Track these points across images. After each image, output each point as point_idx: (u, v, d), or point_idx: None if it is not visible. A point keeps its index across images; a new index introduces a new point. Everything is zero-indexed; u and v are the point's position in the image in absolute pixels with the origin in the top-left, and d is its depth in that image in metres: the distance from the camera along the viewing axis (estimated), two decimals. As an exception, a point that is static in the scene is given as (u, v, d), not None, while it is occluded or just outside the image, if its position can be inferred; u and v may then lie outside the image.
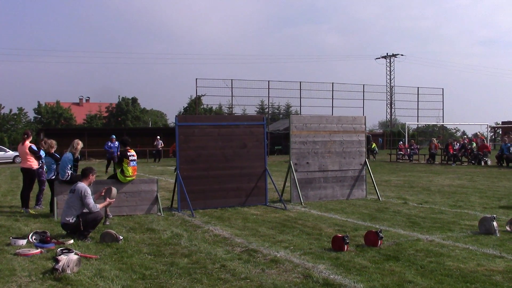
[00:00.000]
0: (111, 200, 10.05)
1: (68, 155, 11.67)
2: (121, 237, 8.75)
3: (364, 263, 7.13)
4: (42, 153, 12.99)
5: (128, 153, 11.84)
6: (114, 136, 26.50)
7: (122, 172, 11.79)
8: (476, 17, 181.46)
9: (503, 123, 65.35)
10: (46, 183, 13.04)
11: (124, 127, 62.35)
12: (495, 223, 9.05)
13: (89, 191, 9.18)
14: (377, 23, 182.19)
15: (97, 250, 8.10)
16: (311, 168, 14.05)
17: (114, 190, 10.23)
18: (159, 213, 11.92)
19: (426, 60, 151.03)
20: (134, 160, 11.95)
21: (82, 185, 9.21)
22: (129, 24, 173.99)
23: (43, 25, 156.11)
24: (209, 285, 6.22)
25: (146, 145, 43.62)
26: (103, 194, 10.17)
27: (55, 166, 12.26)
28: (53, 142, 12.67)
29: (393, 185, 18.16)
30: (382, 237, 8.16)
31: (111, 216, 10.72)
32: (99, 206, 9.37)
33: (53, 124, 67.70)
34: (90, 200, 9.13)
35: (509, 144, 28.69)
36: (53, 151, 12.46)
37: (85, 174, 9.51)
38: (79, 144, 11.94)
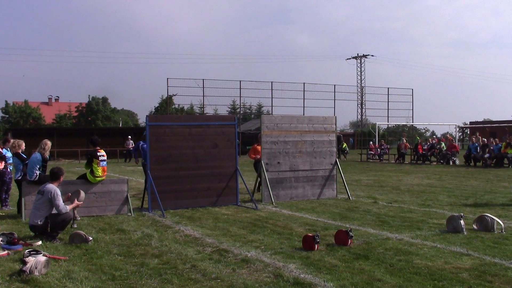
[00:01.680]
0: (79, 202, 9.92)
1: (36, 155, 11.49)
2: (90, 238, 8.66)
3: (334, 262, 7.18)
4: (6, 152, 12.77)
5: (98, 153, 11.73)
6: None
7: (92, 172, 11.67)
8: (444, 19, 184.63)
9: (471, 123, 66.61)
10: (14, 184, 12.82)
11: (94, 127, 61.66)
12: (462, 222, 9.22)
13: (58, 192, 9.06)
14: (347, 23, 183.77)
15: (66, 251, 8.00)
16: (282, 167, 14.09)
17: (82, 193, 10.10)
18: (129, 214, 11.83)
19: (396, 61, 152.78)
20: (104, 160, 11.84)
21: (52, 186, 9.08)
22: (99, 23, 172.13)
23: (9, 23, 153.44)
24: (179, 286, 6.20)
25: (116, 145, 43.18)
26: (70, 196, 10.02)
27: (21, 167, 12.06)
28: (20, 142, 12.46)
29: (363, 185, 18.33)
30: (352, 236, 8.23)
31: (78, 219, 10.56)
32: (69, 207, 9.26)
33: (21, 123, 66.50)
34: (60, 201, 9.01)
35: (476, 144, 29.22)
36: (20, 151, 12.26)
37: (55, 176, 9.37)
38: (48, 144, 11.76)
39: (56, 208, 8.98)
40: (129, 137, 38.89)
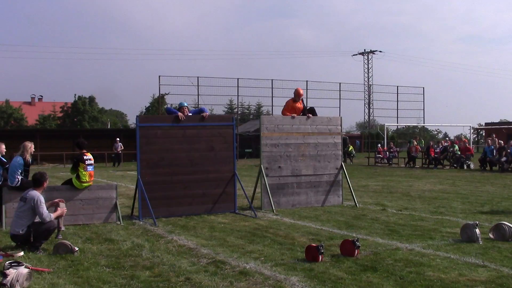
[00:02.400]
0: (64, 209, 9.88)
1: (18, 159, 11.47)
2: (76, 249, 8.64)
3: (340, 274, 7.17)
4: None
5: (84, 157, 11.71)
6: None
7: (78, 177, 11.65)
8: (456, 12, 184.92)
9: (486, 124, 66.65)
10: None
11: (81, 129, 61.68)
12: (477, 230, 9.21)
13: (42, 199, 9.04)
14: (353, 17, 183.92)
15: (50, 263, 7.99)
16: (283, 172, 14.08)
17: (61, 204, 10.01)
18: (118, 222, 11.82)
19: (406, 58, 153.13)
20: (91, 164, 11.83)
21: (35, 193, 9.06)
22: (85, 17, 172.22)
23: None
24: (172, 300, 6.18)
25: (104, 148, 43.19)
26: (54, 203, 9.99)
27: (2, 171, 12.03)
28: (0, 144, 12.44)
29: (371, 191, 18.34)
30: (359, 246, 8.22)
31: (63, 229, 10.41)
32: (53, 215, 9.24)
33: (1, 125, 66.50)
34: (44, 209, 8.99)
35: (492, 147, 29.23)
36: (0, 155, 12.23)
37: (38, 182, 9.33)
38: (30, 147, 11.74)
39: (39, 217, 8.96)
40: (118, 139, 38.92)
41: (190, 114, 13.32)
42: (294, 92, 14.88)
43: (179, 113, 12.90)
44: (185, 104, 13.47)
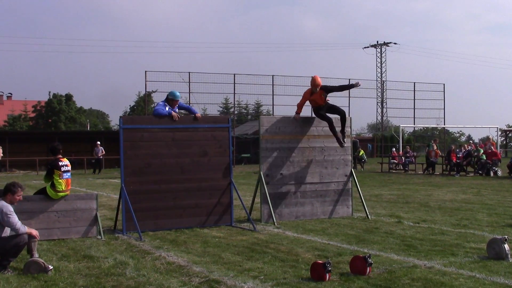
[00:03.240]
0: (37, 235, 9.54)
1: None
2: (50, 267, 8.62)
3: (350, 295, 7.16)
4: None
5: (60, 163, 11.69)
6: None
7: (53, 186, 11.63)
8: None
9: (515, 125, 66.72)
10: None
11: (56, 131, 61.59)
12: (506, 246, 9.20)
13: (10, 208, 8.95)
14: (365, 5, 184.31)
15: (19, 284, 7.97)
16: (286, 180, 14.09)
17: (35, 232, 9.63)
18: (99, 236, 11.80)
19: (424, 50, 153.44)
20: (67, 171, 11.80)
21: (1, 203, 8.99)
22: (60, 4, 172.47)
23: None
24: (160, 325, 6.18)
25: (83, 152, 43.19)
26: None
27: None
28: None
29: (385, 201, 18.34)
30: (371, 264, 8.21)
31: (36, 256, 9.32)
32: (27, 229, 9.14)
33: (-34, 127, 66.52)
34: (14, 218, 8.90)
35: (522, 151, 29.25)
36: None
37: (7, 191, 9.22)
38: (-2, 152, 11.73)
39: (11, 227, 8.89)
40: (98, 143, 38.91)
41: (176, 109, 13.25)
42: (310, 81, 14.70)
43: (173, 113, 12.91)
44: (178, 96, 13.41)
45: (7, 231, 8.98)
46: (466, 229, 12.30)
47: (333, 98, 14.73)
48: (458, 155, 32.82)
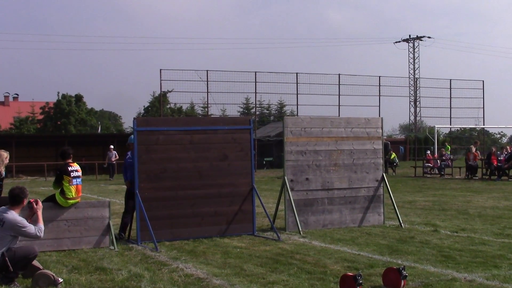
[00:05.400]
0: (39, 206, 9.58)
1: (-11, 171, 11.55)
2: (60, 280, 8.65)
3: (383, 310, 7.12)
4: None
5: (70, 168, 11.75)
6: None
7: (63, 193, 11.68)
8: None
9: (562, 125, 66.03)
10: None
11: (65, 134, 62.02)
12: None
13: (22, 220, 8.89)
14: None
15: (29, 297, 8.01)
16: (312, 185, 14.06)
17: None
18: (111, 247, 11.85)
19: (461, 45, 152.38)
20: (78, 177, 11.85)
21: (12, 216, 8.82)
22: (68, 0, 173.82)
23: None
24: None
25: (94, 157, 43.46)
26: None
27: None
28: None
29: (419, 208, 18.24)
30: (405, 276, 8.16)
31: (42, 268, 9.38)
32: (40, 224, 9.14)
33: (-30, 130, 67.24)
34: (30, 228, 8.90)
35: None
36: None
37: (16, 199, 9.08)
38: (4, 157, 11.78)
39: (30, 237, 8.98)
40: (111, 147, 39.10)
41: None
42: None
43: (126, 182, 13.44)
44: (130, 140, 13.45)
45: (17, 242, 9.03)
46: (509, 239, 12.19)
47: (362, 98, 14.67)
48: (499, 158, 32.51)
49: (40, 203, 9.72)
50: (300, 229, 13.41)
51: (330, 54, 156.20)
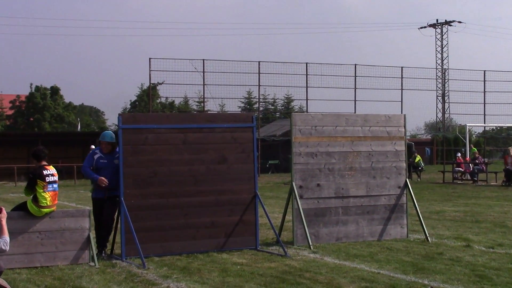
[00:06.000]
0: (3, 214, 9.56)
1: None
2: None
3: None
4: None
5: (45, 172, 11.70)
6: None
7: (36, 200, 11.63)
8: None
9: None
10: None
11: (39, 132, 62.08)
12: None
13: None
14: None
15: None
16: (324, 193, 14.05)
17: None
18: (92, 263, 11.83)
19: (496, 30, 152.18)
20: (54, 182, 11.81)
21: None
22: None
23: None
24: None
25: (72, 159, 43.45)
26: None
27: None
28: None
29: (449, 219, 18.22)
30: (433, 299, 8.14)
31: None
32: (5, 236, 9.10)
33: None
34: None
35: None
36: None
37: None
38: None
39: None
40: (93, 147, 39.08)
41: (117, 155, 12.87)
42: None
43: (100, 179, 12.57)
44: (109, 137, 12.94)
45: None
46: (553, 255, 12.16)
47: (382, 92, 14.67)
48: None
49: (4, 211, 9.59)
50: (310, 243, 13.40)
51: (345, 41, 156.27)
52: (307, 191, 13.92)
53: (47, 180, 11.66)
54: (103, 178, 12.52)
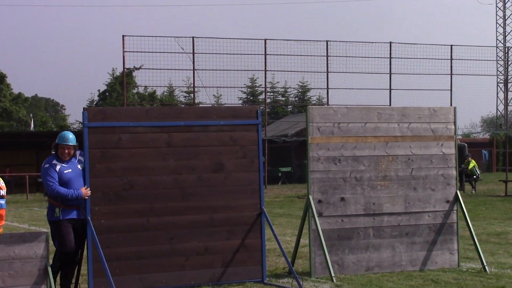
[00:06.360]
0: None
1: None
2: None
3: None
4: None
5: (-9, 183, 11.71)
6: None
7: (-23, 220, 11.67)
8: None
9: None
10: None
11: (-19, 132, 62.14)
12: None
13: None
14: None
15: None
16: (351, 209, 14.09)
17: None
18: (50, 302, 11.87)
19: None
20: (2, 197, 11.80)
21: None
22: None
23: None
24: None
25: (24, 166, 43.52)
26: None
27: None
28: None
29: (512, 243, 18.24)
30: None
31: None
32: None
33: None
34: None
35: None
36: None
37: None
38: None
39: None
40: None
41: (81, 159, 12.66)
42: None
43: (82, 191, 12.08)
44: (68, 140, 12.27)
45: None
46: None
47: (427, 78, 14.72)
48: None
49: None
50: (333, 274, 13.41)
51: (374, 13, 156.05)
52: (328, 207, 13.96)
53: (-5, 194, 11.62)
54: (85, 188, 12.14)
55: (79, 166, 12.34)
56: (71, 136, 12.29)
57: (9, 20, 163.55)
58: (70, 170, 12.15)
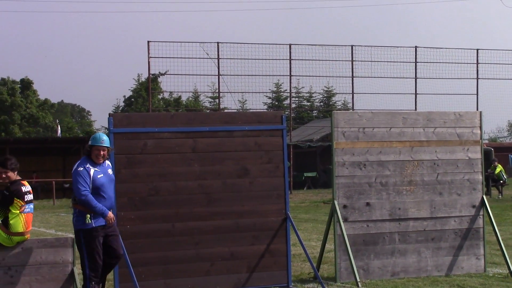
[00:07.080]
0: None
1: None
2: None
3: None
4: None
5: (24, 188, 11.40)
6: None
7: (6, 225, 11.56)
8: None
9: None
10: None
11: (6, 138, 62.18)
12: None
13: None
14: None
15: None
16: (376, 214, 14.08)
17: None
18: (77, 307, 11.89)
19: None
20: (30, 201, 11.69)
21: None
22: None
23: None
24: None
25: (50, 172, 43.59)
26: None
27: None
28: None
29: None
30: None
31: None
32: None
33: None
34: None
35: None
36: None
37: None
38: None
39: None
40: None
41: (110, 165, 12.03)
42: None
43: (109, 215, 11.41)
44: (104, 141, 11.62)
45: None
46: None
47: (453, 82, 14.69)
48: None
49: None
50: (358, 280, 13.40)
51: (400, 17, 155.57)
52: (354, 213, 13.96)
53: (26, 199, 11.48)
54: (111, 214, 11.44)
55: (110, 171, 11.72)
56: (106, 137, 11.69)
57: (35, 27, 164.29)
58: (103, 174, 11.50)
